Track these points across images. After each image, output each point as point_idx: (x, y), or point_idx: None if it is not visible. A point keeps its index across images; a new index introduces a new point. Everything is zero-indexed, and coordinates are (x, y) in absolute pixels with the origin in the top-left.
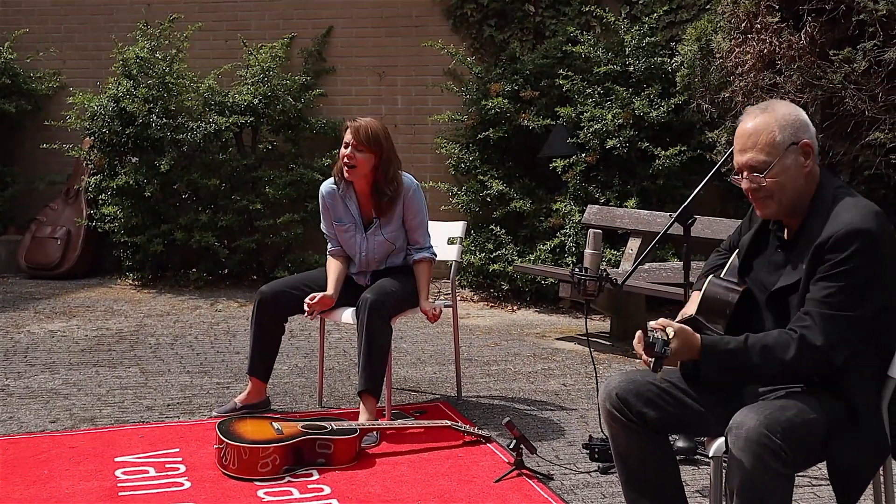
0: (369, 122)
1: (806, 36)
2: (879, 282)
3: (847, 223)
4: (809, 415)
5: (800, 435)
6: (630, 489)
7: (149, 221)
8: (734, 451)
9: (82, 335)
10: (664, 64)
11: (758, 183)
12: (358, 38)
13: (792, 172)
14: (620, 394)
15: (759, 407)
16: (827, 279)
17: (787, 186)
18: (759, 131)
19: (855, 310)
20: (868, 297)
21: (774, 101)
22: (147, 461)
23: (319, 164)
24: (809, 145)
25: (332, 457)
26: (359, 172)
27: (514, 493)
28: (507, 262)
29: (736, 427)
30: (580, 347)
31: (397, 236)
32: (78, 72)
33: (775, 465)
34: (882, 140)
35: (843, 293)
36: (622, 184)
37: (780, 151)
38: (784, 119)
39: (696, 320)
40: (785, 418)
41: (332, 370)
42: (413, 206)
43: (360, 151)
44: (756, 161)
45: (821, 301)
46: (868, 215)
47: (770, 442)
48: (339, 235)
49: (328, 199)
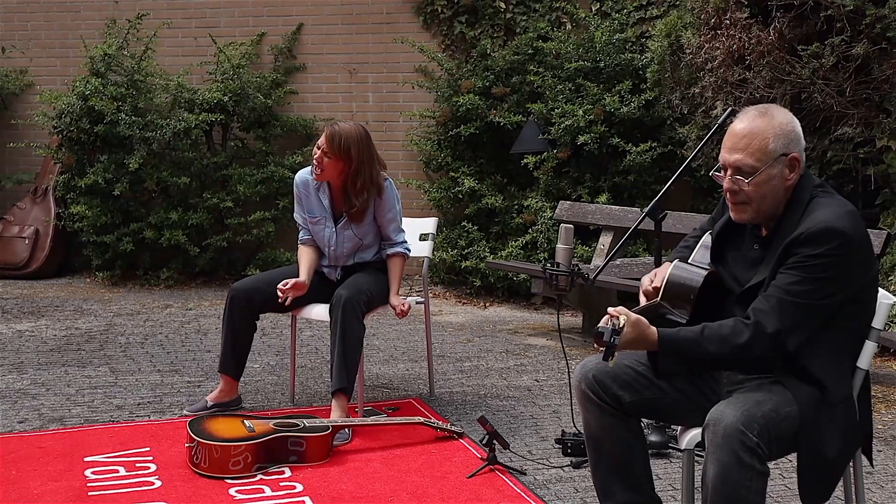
0: (346, 130)
1: (774, 31)
2: (845, 279)
3: (821, 221)
4: (785, 408)
5: (776, 429)
6: (600, 471)
7: (118, 220)
8: (710, 448)
9: (51, 335)
10: (634, 60)
11: (739, 186)
12: (328, 36)
13: (774, 183)
14: (597, 375)
15: (735, 402)
16: (794, 269)
17: (767, 196)
18: (753, 134)
19: (815, 300)
20: (831, 291)
21: (773, 107)
22: (117, 461)
23: (290, 161)
24: (797, 160)
25: (304, 454)
26: (325, 176)
27: (487, 488)
28: (479, 259)
29: (713, 422)
30: (552, 343)
31: (367, 232)
32: (45, 70)
33: (751, 461)
34: (850, 134)
35: (807, 284)
36: (593, 180)
37: (770, 160)
38: (780, 128)
39: (661, 306)
40: (761, 414)
41: (305, 368)
42: (384, 203)
43: (329, 158)
44: (743, 164)
45: (782, 288)
46: (842, 215)
47: (747, 438)
48: (310, 226)
49: (302, 189)
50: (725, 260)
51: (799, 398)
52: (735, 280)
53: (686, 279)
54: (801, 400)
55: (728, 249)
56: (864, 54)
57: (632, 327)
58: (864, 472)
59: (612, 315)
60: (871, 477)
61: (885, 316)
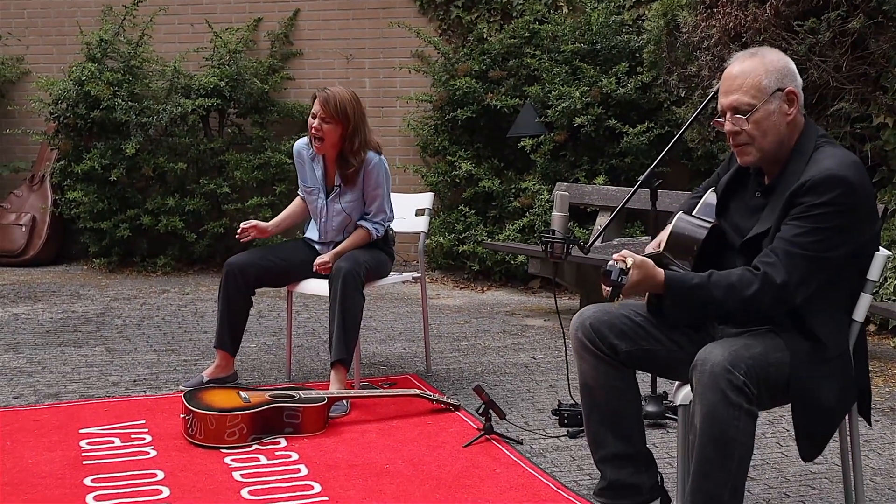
0: (338, 93)
1: (771, 8)
2: (850, 230)
3: (825, 169)
4: (774, 353)
5: (764, 372)
6: (592, 421)
7: (115, 206)
8: (697, 388)
9: (47, 317)
10: (631, 42)
11: (739, 126)
12: (325, 21)
13: (774, 119)
14: (594, 324)
15: (723, 343)
16: (798, 219)
17: (769, 133)
18: (745, 73)
19: (822, 252)
20: (837, 243)
21: (764, 48)
22: (112, 432)
23: (287, 146)
24: (794, 93)
25: (300, 425)
26: (326, 144)
27: (484, 456)
28: (476, 243)
29: (700, 363)
30: (549, 323)
31: (355, 208)
32: (42, 58)
33: (738, 399)
34: (847, 110)
35: (813, 235)
36: (590, 162)
37: (765, 96)
38: (772, 65)
39: (664, 256)
40: (749, 355)
41: (301, 347)
42: (372, 179)
43: (328, 123)
44: (739, 103)
45: (789, 240)
46: (847, 164)
47: (733, 377)
48: (305, 194)
49: (297, 158)
50: (728, 209)
51: (792, 348)
52: (736, 229)
53: (690, 231)
54: (794, 350)
55: (731, 199)
56: (860, 29)
57: (638, 269)
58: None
59: (618, 259)
60: (869, 444)
61: (881, 268)
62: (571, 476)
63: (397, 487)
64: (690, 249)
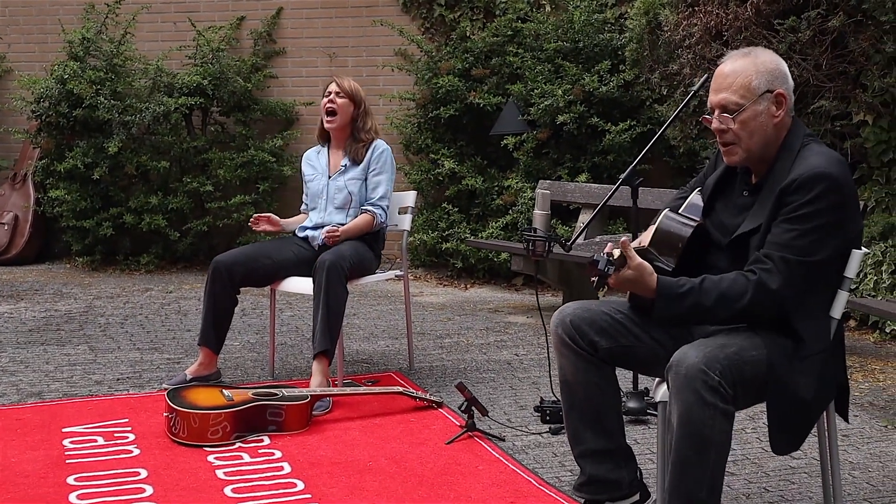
0: (349, 78)
1: (751, 7)
2: (841, 226)
3: (814, 167)
4: (750, 352)
5: (740, 371)
6: (572, 418)
7: (98, 205)
8: (673, 389)
9: (30, 316)
10: (613, 40)
11: (726, 125)
12: (308, 20)
13: (761, 120)
14: (574, 321)
15: (699, 344)
16: (789, 221)
17: (755, 133)
18: (736, 73)
19: (816, 255)
20: (828, 242)
21: (758, 48)
22: (95, 431)
23: (270, 145)
24: (784, 96)
25: (283, 423)
26: (338, 120)
27: (466, 453)
28: (459, 241)
29: (676, 364)
30: (532, 320)
31: (356, 186)
32: (23, 56)
33: (713, 400)
34: (827, 108)
35: (806, 237)
36: (573, 160)
37: (754, 96)
38: (763, 66)
39: (648, 251)
40: (724, 355)
41: (284, 345)
42: (378, 163)
43: (342, 98)
44: (728, 101)
45: (784, 245)
46: (833, 162)
47: (708, 378)
48: (307, 190)
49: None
50: (714, 209)
51: (769, 345)
52: (722, 227)
53: (675, 229)
54: (771, 347)
55: (718, 198)
56: (840, 27)
57: (635, 270)
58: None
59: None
60: (848, 439)
61: (857, 266)
62: (553, 472)
63: (380, 484)
64: (675, 247)
